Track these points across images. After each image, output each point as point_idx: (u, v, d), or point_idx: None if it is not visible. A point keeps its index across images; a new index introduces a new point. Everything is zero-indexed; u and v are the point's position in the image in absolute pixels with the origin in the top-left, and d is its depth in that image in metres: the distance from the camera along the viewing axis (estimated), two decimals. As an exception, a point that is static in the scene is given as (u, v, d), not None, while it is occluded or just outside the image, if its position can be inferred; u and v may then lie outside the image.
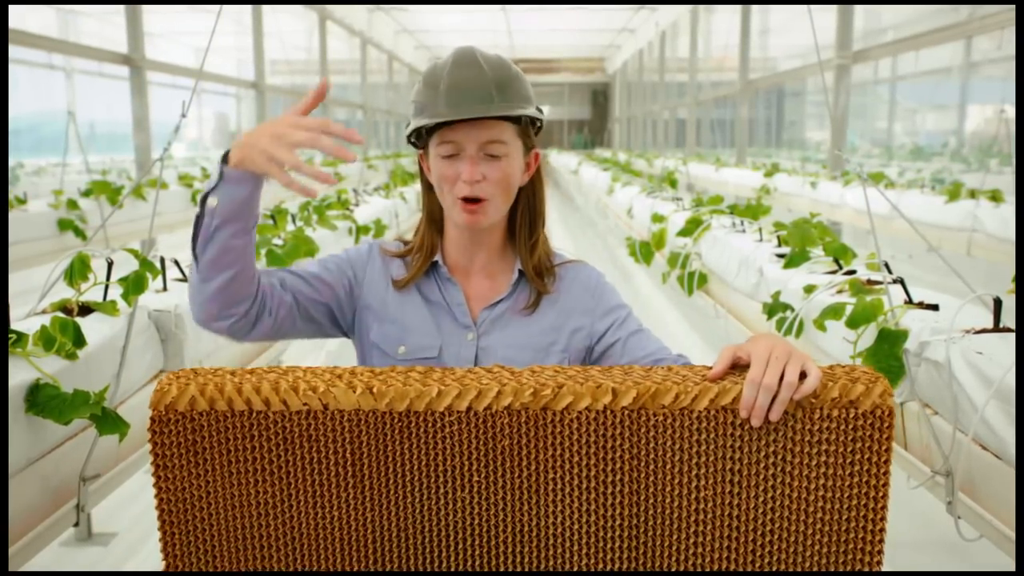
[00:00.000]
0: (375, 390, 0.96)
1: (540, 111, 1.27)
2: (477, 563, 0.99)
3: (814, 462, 0.95)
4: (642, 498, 0.97)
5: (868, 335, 1.86)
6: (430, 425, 0.96)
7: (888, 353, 1.78)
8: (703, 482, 0.96)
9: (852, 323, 1.88)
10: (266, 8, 9.81)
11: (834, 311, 1.95)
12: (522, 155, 1.26)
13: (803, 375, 0.94)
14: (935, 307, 1.90)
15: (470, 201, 1.22)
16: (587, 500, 0.97)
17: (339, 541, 0.99)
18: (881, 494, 0.95)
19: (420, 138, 1.27)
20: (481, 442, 0.96)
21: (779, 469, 0.95)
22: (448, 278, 1.30)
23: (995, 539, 1.53)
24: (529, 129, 1.27)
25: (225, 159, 1.07)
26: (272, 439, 0.97)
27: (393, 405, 0.95)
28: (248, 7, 9.46)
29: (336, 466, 0.97)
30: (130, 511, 2.23)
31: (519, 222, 1.32)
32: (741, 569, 0.97)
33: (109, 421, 1.55)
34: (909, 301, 1.95)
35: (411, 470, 0.97)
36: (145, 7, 6.39)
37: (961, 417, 1.60)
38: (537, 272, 1.31)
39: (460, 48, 1.23)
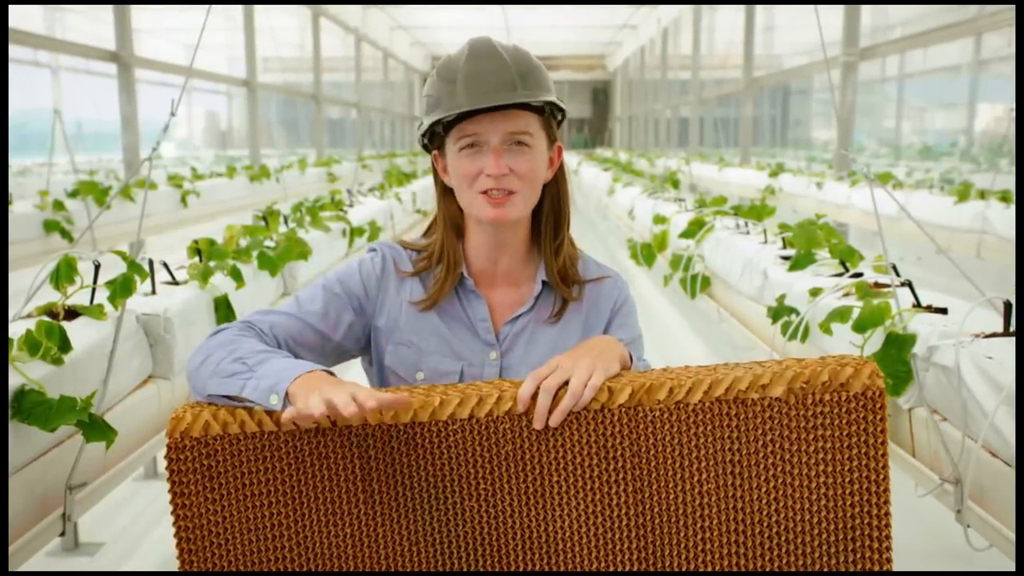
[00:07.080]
0: None
1: (562, 103, 1.22)
2: (488, 569, 1.02)
3: (811, 448, 0.96)
4: (646, 495, 0.98)
5: (875, 339, 1.83)
6: (435, 435, 0.99)
7: (896, 358, 1.75)
8: (705, 475, 0.97)
9: (859, 327, 1.85)
10: (258, 4, 9.73)
11: (840, 314, 1.92)
12: (547, 149, 1.21)
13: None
14: (944, 311, 1.87)
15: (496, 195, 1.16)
16: (592, 500, 0.99)
17: (352, 551, 1.02)
18: (882, 476, 0.96)
19: (435, 137, 1.21)
20: (485, 448, 0.99)
21: (778, 458, 0.97)
22: (472, 290, 1.23)
23: (1005, 548, 1.50)
24: (552, 121, 1.21)
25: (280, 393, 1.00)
26: (284, 459, 1.00)
27: (398, 417, 0.99)
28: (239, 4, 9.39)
29: (347, 482, 1.00)
30: (118, 520, 2.20)
31: (543, 222, 1.25)
32: (750, 565, 0.99)
33: (96, 428, 1.52)
34: (917, 304, 1.92)
35: (419, 481, 1.00)
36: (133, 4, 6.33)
37: (971, 423, 1.58)
38: (562, 277, 1.25)
39: (475, 38, 1.17)
